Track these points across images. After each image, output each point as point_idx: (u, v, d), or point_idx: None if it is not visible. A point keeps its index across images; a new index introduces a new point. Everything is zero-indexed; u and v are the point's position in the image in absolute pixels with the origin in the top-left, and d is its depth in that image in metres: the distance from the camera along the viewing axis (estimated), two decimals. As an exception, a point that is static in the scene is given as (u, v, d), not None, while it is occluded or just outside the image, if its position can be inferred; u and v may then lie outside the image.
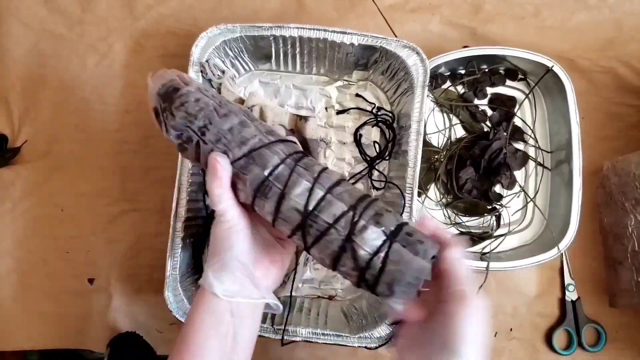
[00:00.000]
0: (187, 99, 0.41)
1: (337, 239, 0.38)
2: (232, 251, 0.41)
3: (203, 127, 0.41)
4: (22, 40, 0.71)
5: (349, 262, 0.38)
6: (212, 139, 0.41)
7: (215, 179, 0.40)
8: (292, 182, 0.39)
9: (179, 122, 0.41)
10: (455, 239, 0.39)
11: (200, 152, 0.41)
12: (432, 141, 0.68)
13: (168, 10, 0.71)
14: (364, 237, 0.37)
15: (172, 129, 0.41)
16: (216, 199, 0.40)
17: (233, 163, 0.40)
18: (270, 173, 0.40)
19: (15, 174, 0.69)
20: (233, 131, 0.41)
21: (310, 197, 0.39)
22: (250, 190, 0.40)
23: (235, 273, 0.40)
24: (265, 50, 0.63)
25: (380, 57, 0.62)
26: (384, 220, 0.38)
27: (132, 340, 0.66)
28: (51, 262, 0.68)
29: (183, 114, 0.41)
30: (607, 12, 0.70)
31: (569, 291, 0.66)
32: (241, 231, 0.41)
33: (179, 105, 0.41)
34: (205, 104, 0.41)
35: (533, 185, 0.68)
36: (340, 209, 0.38)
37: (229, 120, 0.41)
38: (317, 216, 0.39)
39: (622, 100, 0.69)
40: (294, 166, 0.40)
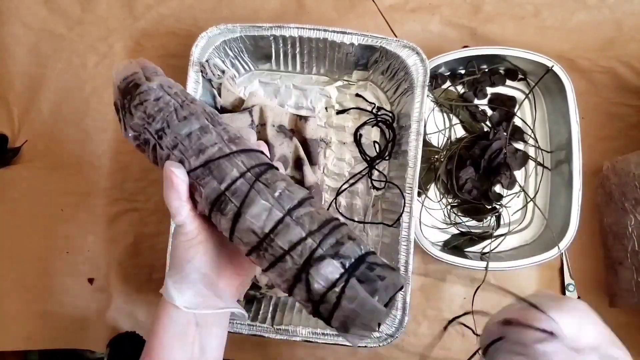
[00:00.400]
0: (146, 97, 0.38)
1: (291, 268, 0.35)
2: (192, 263, 0.39)
3: (160, 130, 0.37)
4: (22, 40, 0.71)
5: (302, 293, 0.35)
6: (169, 144, 0.37)
7: (171, 190, 0.37)
8: (250, 200, 0.36)
9: (137, 122, 0.38)
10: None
11: (157, 157, 0.38)
12: (432, 141, 0.68)
13: (168, 10, 0.71)
14: (319, 269, 0.34)
15: (130, 128, 0.39)
16: (174, 211, 0.38)
17: (189, 172, 0.37)
18: (227, 187, 0.36)
19: (15, 174, 0.69)
20: (191, 137, 0.37)
21: (268, 218, 0.35)
22: (206, 203, 0.37)
23: (197, 285, 0.39)
24: (265, 50, 0.63)
25: (380, 57, 0.62)
26: (344, 251, 0.34)
27: (132, 340, 0.66)
28: (51, 262, 0.68)
29: (141, 113, 0.38)
30: (607, 12, 0.70)
31: (569, 291, 0.66)
32: (201, 243, 0.39)
33: (137, 104, 0.38)
34: (166, 104, 0.38)
35: (533, 185, 0.68)
36: (297, 235, 0.35)
37: (188, 125, 0.37)
38: (273, 240, 0.35)
39: (622, 100, 0.69)
40: (253, 181, 0.36)
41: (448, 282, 0.67)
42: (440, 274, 0.67)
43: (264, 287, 0.61)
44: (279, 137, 0.63)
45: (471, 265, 0.62)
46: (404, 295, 0.57)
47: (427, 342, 0.67)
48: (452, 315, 0.67)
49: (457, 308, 0.67)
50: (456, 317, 0.46)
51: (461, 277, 0.67)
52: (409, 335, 0.66)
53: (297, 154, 0.63)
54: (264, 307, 0.60)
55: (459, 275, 0.67)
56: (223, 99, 0.63)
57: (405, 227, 0.58)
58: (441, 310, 0.67)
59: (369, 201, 0.66)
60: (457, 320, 0.66)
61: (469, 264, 0.62)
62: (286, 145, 0.63)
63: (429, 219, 0.67)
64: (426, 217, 0.67)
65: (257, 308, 0.60)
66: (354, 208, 0.66)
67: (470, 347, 0.66)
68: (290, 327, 0.58)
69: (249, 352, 0.66)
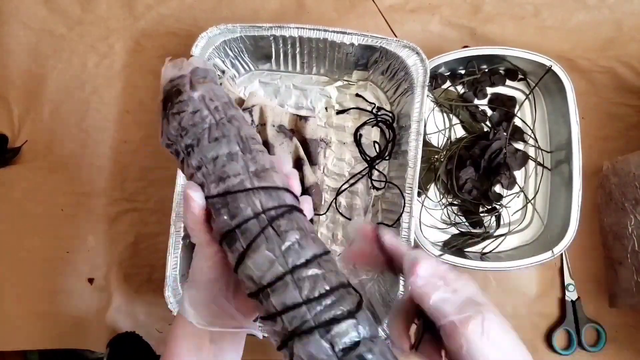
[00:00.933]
0: (184, 108, 0.36)
1: (281, 332, 0.32)
2: (209, 283, 0.39)
3: (190, 146, 0.36)
4: (22, 40, 0.71)
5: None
6: (194, 163, 0.35)
7: (187, 211, 0.36)
8: (256, 246, 0.33)
9: (171, 131, 0.36)
10: (419, 255, 0.36)
11: (184, 172, 0.37)
12: (432, 141, 0.68)
13: (168, 10, 0.71)
14: (305, 345, 0.31)
15: (165, 137, 0.37)
16: (191, 232, 0.38)
17: (207, 199, 0.35)
18: (238, 225, 0.34)
19: (15, 174, 0.69)
20: (217, 162, 0.35)
21: (269, 270, 0.33)
22: (218, 234, 0.35)
23: (212, 304, 0.39)
24: (265, 50, 0.63)
25: (380, 57, 0.62)
26: (337, 332, 0.31)
27: (132, 340, 0.66)
28: (51, 262, 0.68)
29: (176, 124, 0.36)
30: (607, 12, 0.70)
31: (569, 291, 0.66)
32: (218, 264, 0.38)
33: (175, 113, 0.36)
34: (201, 120, 0.35)
35: (533, 185, 0.68)
36: (292, 299, 0.32)
37: (217, 148, 0.35)
38: (269, 296, 0.32)
39: (622, 100, 0.69)
40: (266, 225, 0.34)
41: (448, 282, 0.67)
42: (440, 274, 0.67)
43: None
44: (279, 137, 0.63)
45: (471, 265, 0.62)
46: (403, 294, 0.57)
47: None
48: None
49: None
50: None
51: (461, 277, 0.67)
52: (409, 335, 0.66)
53: (297, 154, 0.63)
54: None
55: (459, 275, 0.67)
56: (223, 99, 0.63)
57: (405, 227, 0.58)
58: (441, 310, 0.67)
59: (369, 201, 0.66)
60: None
61: (469, 264, 0.62)
62: (286, 145, 0.63)
63: (429, 219, 0.67)
64: (426, 217, 0.67)
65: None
66: (354, 208, 0.66)
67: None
68: (290, 327, 0.58)
69: (249, 352, 0.65)
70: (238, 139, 0.36)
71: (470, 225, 0.67)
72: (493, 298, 0.66)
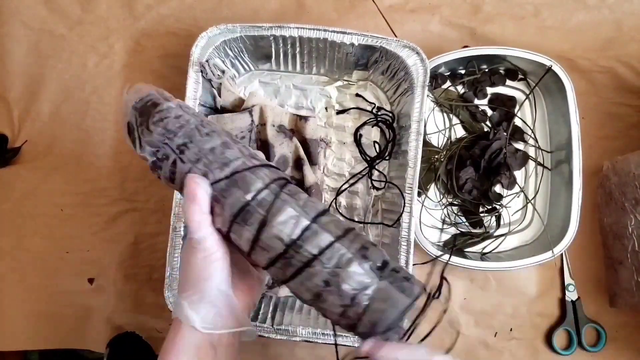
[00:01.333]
0: (167, 115, 0.39)
1: (321, 272, 0.35)
2: (211, 281, 0.37)
3: (182, 145, 0.38)
4: (23, 40, 0.71)
5: (331, 298, 0.35)
6: (191, 158, 0.38)
7: (193, 203, 0.36)
8: (276, 209, 0.36)
9: (156, 137, 0.38)
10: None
11: (176, 172, 0.39)
12: (432, 141, 0.68)
13: (168, 10, 0.71)
14: (349, 272, 0.35)
15: (147, 145, 0.39)
16: (195, 225, 0.37)
17: (212, 185, 0.38)
18: (253, 197, 0.37)
19: (15, 174, 0.69)
20: (215, 151, 0.38)
21: (295, 225, 0.36)
22: (229, 215, 0.37)
23: (216, 304, 0.38)
24: (265, 50, 0.63)
25: (380, 57, 0.62)
26: (370, 255, 0.36)
27: (131, 340, 0.66)
28: (51, 262, 0.68)
29: (161, 129, 0.38)
30: (607, 12, 0.70)
31: (569, 291, 0.66)
32: (220, 259, 0.38)
33: (157, 121, 0.38)
34: (186, 122, 0.39)
35: (533, 185, 0.68)
36: (327, 240, 0.36)
37: (212, 140, 0.39)
38: (301, 246, 0.36)
39: (621, 100, 0.69)
40: (278, 192, 0.38)
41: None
42: (440, 274, 0.67)
43: (263, 288, 0.61)
44: (279, 137, 0.63)
45: (471, 265, 0.62)
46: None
47: (427, 342, 0.67)
48: (452, 315, 0.67)
49: (456, 308, 0.67)
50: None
51: (461, 277, 0.67)
52: (409, 335, 0.66)
53: (297, 154, 0.63)
54: (264, 307, 0.60)
55: (459, 275, 0.67)
56: (223, 99, 0.63)
57: (405, 227, 0.58)
58: (441, 310, 0.67)
59: (369, 201, 0.66)
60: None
61: (469, 264, 0.62)
62: (286, 145, 0.63)
63: (429, 219, 0.67)
64: (426, 217, 0.67)
65: (257, 308, 0.60)
66: (353, 208, 0.66)
67: (469, 347, 0.67)
68: (290, 327, 0.58)
69: (249, 352, 0.66)
70: (225, 133, 0.40)
71: (470, 225, 0.68)
72: (493, 298, 0.67)
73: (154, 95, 0.40)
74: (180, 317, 0.38)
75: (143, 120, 0.39)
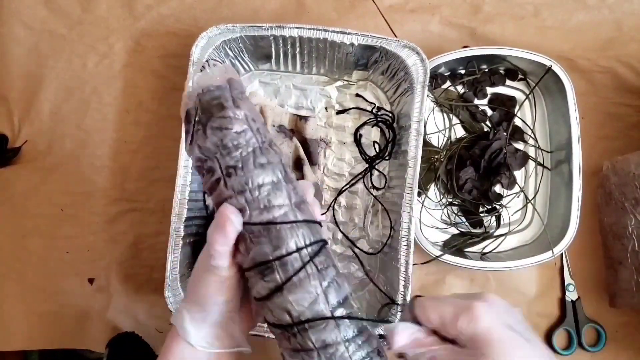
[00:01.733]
0: (228, 126, 0.34)
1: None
2: (218, 305, 0.37)
3: (232, 167, 0.34)
4: (23, 40, 0.71)
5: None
6: (236, 186, 0.34)
7: (220, 234, 0.34)
8: (298, 282, 0.33)
9: (209, 146, 0.34)
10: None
11: (216, 189, 0.35)
12: (432, 141, 0.68)
13: (168, 10, 0.71)
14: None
15: (198, 149, 0.35)
16: (216, 254, 0.35)
17: (245, 225, 0.34)
18: (279, 257, 0.33)
19: (15, 174, 0.69)
20: (262, 190, 0.34)
21: (309, 307, 0.33)
22: (250, 262, 0.34)
23: (217, 326, 0.38)
24: (265, 50, 0.63)
25: (380, 57, 0.62)
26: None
27: (131, 340, 0.66)
28: (51, 262, 0.68)
29: (217, 140, 0.34)
30: (607, 12, 0.70)
31: (569, 291, 0.66)
32: (230, 288, 0.37)
33: (216, 127, 0.34)
34: (246, 142, 0.34)
35: (533, 185, 0.68)
36: (333, 339, 0.33)
37: (263, 175, 0.34)
38: (307, 331, 0.33)
39: (621, 100, 0.69)
40: (308, 261, 0.34)
41: (448, 282, 0.67)
42: (440, 274, 0.67)
43: None
44: (279, 137, 0.63)
45: (471, 265, 0.62)
46: (403, 295, 0.57)
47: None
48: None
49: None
50: None
51: (461, 277, 0.67)
52: (409, 335, 0.66)
53: (297, 153, 0.63)
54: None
55: (459, 275, 0.67)
56: (223, 99, 0.63)
57: (405, 227, 0.58)
58: (441, 310, 0.67)
59: (369, 201, 0.66)
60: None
61: (469, 264, 0.62)
62: (286, 145, 0.63)
63: (429, 219, 0.67)
64: (426, 217, 0.67)
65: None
66: (353, 208, 0.66)
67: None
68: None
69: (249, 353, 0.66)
70: (281, 167, 0.35)
71: (470, 226, 0.68)
72: (493, 298, 0.67)
73: (225, 92, 0.35)
74: (179, 328, 0.38)
75: (203, 118, 0.34)
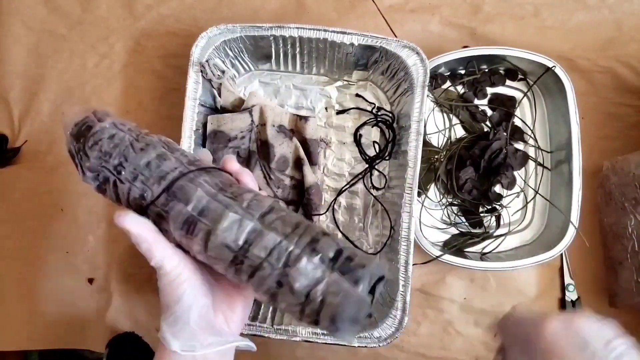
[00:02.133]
0: (100, 136, 0.37)
1: (272, 274, 0.34)
2: (181, 303, 0.37)
3: (119, 165, 0.37)
4: (23, 40, 0.71)
5: (287, 298, 0.34)
6: (129, 177, 0.37)
7: (134, 239, 0.36)
8: (218, 215, 0.35)
9: (94, 162, 0.37)
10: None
11: (118, 193, 0.38)
12: (432, 141, 0.68)
13: (168, 10, 0.71)
14: (299, 268, 0.33)
15: (88, 170, 0.38)
16: (147, 254, 0.36)
17: (154, 202, 0.37)
18: (193, 208, 0.36)
19: (15, 174, 0.69)
20: (151, 166, 0.37)
21: (239, 230, 0.35)
22: (176, 229, 0.36)
23: (190, 325, 0.37)
24: (265, 50, 0.63)
25: (380, 57, 0.62)
26: (321, 247, 0.34)
27: (131, 340, 0.66)
28: (51, 262, 0.68)
29: (97, 153, 0.37)
30: (607, 12, 0.70)
31: (569, 291, 0.66)
32: (187, 280, 0.37)
33: (92, 145, 0.37)
34: (121, 140, 0.37)
35: (533, 185, 0.68)
36: (272, 240, 0.34)
37: (146, 155, 0.37)
38: (248, 250, 0.35)
39: (621, 100, 0.69)
40: (219, 196, 0.36)
41: (448, 282, 0.67)
42: (440, 274, 0.67)
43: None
44: (278, 137, 0.63)
45: (471, 265, 0.62)
46: (403, 295, 0.57)
47: (427, 342, 0.67)
48: (452, 315, 0.67)
49: (457, 308, 0.67)
50: None
51: (461, 277, 0.67)
52: (409, 335, 0.66)
53: (297, 154, 0.63)
54: (263, 307, 0.60)
55: (459, 275, 0.67)
56: (223, 99, 0.63)
57: (405, 227, 0.58)
58: (441, 310, 0.67)
59: (369, 201, 0.66)
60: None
61: (469, 264, 0.62)
62: (286, 145, 0.63)
63: (429, 219, 0.67)
64: (426, 217, 0.67)
65: (257, 308, 0.60)
66: (353, 208, 0.66)
67: (470, 347, 0.67)
68: (290, 327, 0.58)
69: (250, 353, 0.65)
70: (162, 144, 0.39)
71: (470, 226, 0.68)
72: (493, 298, 0.67)
73: (89, 118, 0.39)
74: (162, 340, 0.38)
75: (80, 146, 0.38)
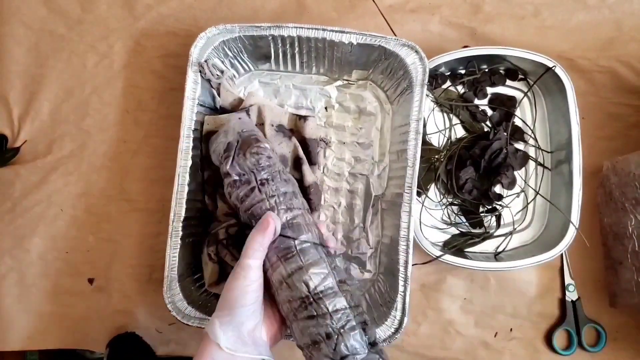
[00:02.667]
0: (263, 152, 0.50)
1: (327, 326, 0.42)
2: (244, 309, 0.43)
3: (265, 179, 0.49)
4: (23, 40, 0.71)
5: (326, 350, 0.42)
6: (267, 192, 0.48)
7: (262, 234, 0.44)
8: (314, 260, 0.45)
9: (248, 164, 0.49)
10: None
11: (250, 196, 0.48)
12: (432, 141, 0.68)
13: (168, 10, 0.71)
14: (350, 337, 0.42)
15: (238, 166, 0.49)
16: (251, 252, 0.43)
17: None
18: (299, 244, 0.46)
19: (15, 174, 0.69)
20: (286, 196, 0.49)
21: (322, 281, 0.44)
22: (275, 250, 0.45)
23: (242, 330, 0.42)
24: (265, 50, 0.63)
25: (379, 56, 0.62)
26: (369, 330, 0.44)
27: (131, 340, 0.66)
28: (51, 262, 0.68)
29: (255, 160, 0.49)
30: (607, 12, 0.70)
31: (569, 291, 0.66)
32: (257, 291, 0.43)
33: (254, 152, 0.49)
34: (273, 164, 0.50)
35: (533, 185, 0.68)
36: (342, 304, 0.43)
37: (287, 186, 0.49)
38: (320, 299, 0.43)
39: (621, 100, 0.69)
40: (319, 247, 0.46)
41: (448, 282, 0.67)
42: (440, 274, 0.67)
43: None
44: (277, 136, 0.63)
45: (471, 266, 0.62)
46: (403, 295, 0.57)
47: (427, 342, 0.67)
48: (452, 315, 0.67)
49: (457, 308, 0.67)
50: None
51: (461, 277, 0.67)
52: (409, 336, 0.66)
53: (296, 153, 0.63)
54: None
55: (459, 275, 0.67)
56: (222, 99, 0.63)
57: (405, 227, 0.58)
58: (441, 310, 0.67)
59: (369, 201, 0.65)
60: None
61: (469, 264, 0.62)
62: (285, 144, 0.63)
63: (429, 219, 0.67)
64: (426, 217, 0.67)
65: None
66: (354, 208, 0.66)
67: (470, 347, 0.67)
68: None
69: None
70: (294, 186, 0.52)
71: (470, 226, 0.67)
72: (493, 298, 0.67)
73: (258, 133, 0.53)
74: (210, 333, 0.42)
75: (243, 146, 0.50)
